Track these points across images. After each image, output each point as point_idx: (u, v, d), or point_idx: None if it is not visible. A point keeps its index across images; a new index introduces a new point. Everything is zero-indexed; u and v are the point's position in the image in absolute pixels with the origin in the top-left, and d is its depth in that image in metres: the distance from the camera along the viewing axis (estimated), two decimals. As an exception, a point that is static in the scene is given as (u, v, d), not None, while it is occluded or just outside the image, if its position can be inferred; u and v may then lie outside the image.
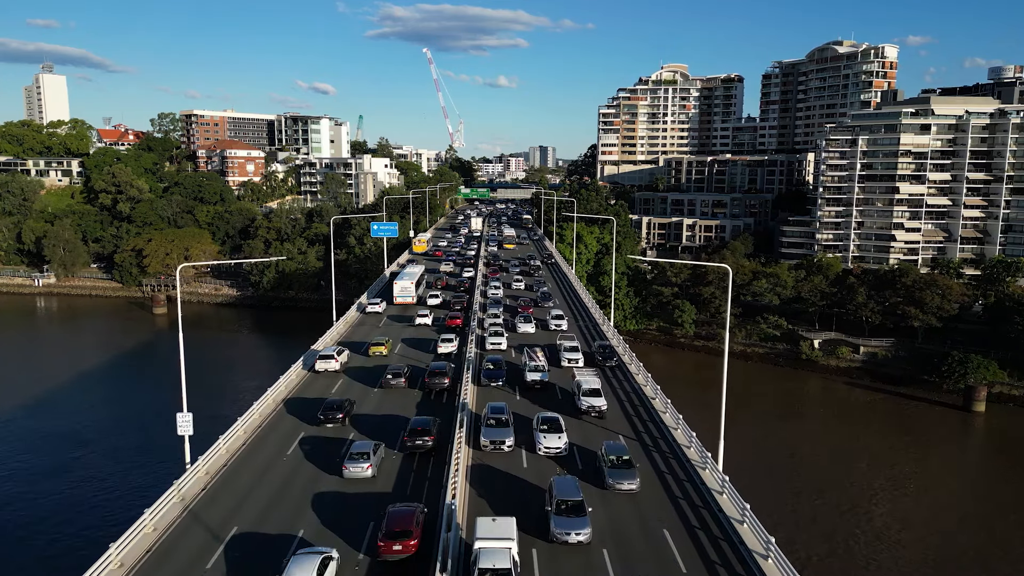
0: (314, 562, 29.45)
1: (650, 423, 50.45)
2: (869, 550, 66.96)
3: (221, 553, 32.90)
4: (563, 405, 53.38)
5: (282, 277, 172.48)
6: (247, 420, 48.56)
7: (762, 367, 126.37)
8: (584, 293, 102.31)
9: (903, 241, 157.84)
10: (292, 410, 52.87)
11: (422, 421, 45.97)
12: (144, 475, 77.69)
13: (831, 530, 70.07)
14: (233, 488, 39.27)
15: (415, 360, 66.27)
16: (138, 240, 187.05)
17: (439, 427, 46.71)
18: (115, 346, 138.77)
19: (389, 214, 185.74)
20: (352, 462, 40.45)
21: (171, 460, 65.65)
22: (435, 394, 56.57)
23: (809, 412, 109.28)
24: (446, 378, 56.68)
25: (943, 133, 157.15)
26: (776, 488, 78.03)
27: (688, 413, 50.57)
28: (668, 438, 47.30)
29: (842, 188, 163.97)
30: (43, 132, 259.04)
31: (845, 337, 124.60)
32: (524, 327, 76.28)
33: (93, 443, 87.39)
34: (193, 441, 42.79)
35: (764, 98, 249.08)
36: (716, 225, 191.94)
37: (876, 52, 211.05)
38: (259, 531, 35.01)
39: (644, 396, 56.48)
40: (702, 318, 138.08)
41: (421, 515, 34.23)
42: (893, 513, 74.86)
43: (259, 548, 33.37)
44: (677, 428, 48.61)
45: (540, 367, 58.65)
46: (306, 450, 45.25)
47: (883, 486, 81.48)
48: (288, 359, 66.29)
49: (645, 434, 48.27)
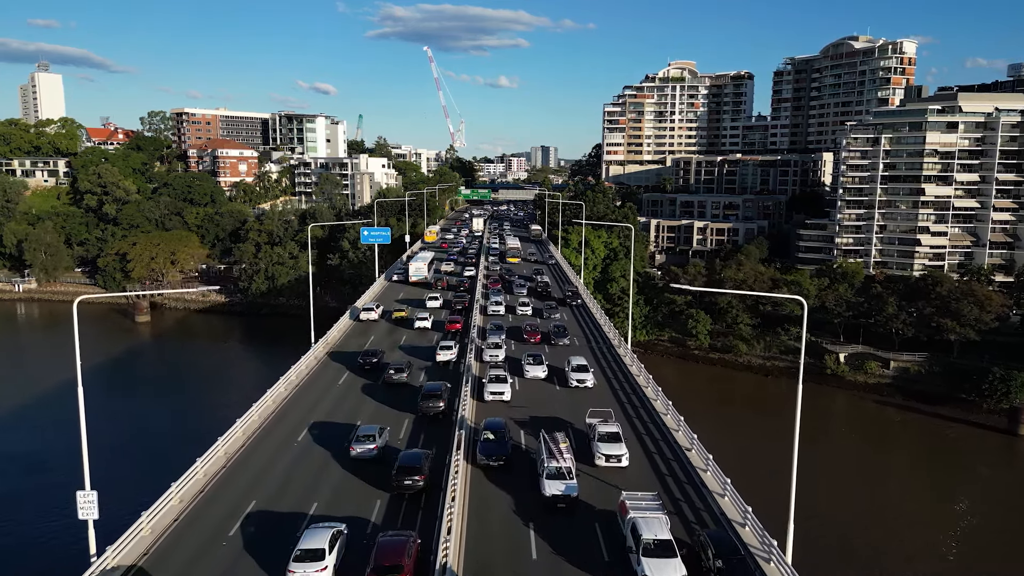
0: (326, 534, 31.86)
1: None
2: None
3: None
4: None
5: (272, 283, 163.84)
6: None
7: (784, 382, 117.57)
8: (602, 317, 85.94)
9: (928, 246, 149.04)
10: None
11: (414, 455, 41.11)
12: (45, 521, 67.30)
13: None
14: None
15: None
16: (122, 244, 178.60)
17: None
18: (84, 359, 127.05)
19: (385, 217, 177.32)
20: (359, 443, 44.17)
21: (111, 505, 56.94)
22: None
23: (836, 432, 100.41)
24: (441, 401, 52.36)
25: (971, 131, 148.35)
26: (808, 518, 69.28)
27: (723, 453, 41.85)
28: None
29: (863, 190, 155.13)
30: (31, 131, 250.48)
31: (873, 351, 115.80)
32: (533, 371, 60.20)
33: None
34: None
35: (775, 96, 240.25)
36: (728, 228, 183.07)
37: (894, 48, 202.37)
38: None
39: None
40: (717, 328, 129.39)
41: (414, 545, 31.85)
42: (930, 548, 66.22)
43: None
44: (745, 525, 35.61)
45: (565, 472, 38.17)
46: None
47: (921, 518, 72.77)
48: (270, 374, 62.36)
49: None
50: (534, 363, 60.69)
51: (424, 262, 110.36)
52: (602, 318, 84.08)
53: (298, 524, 35.35)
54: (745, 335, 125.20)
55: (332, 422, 51.18)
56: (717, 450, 43.48)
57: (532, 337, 72.54)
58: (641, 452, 45.40)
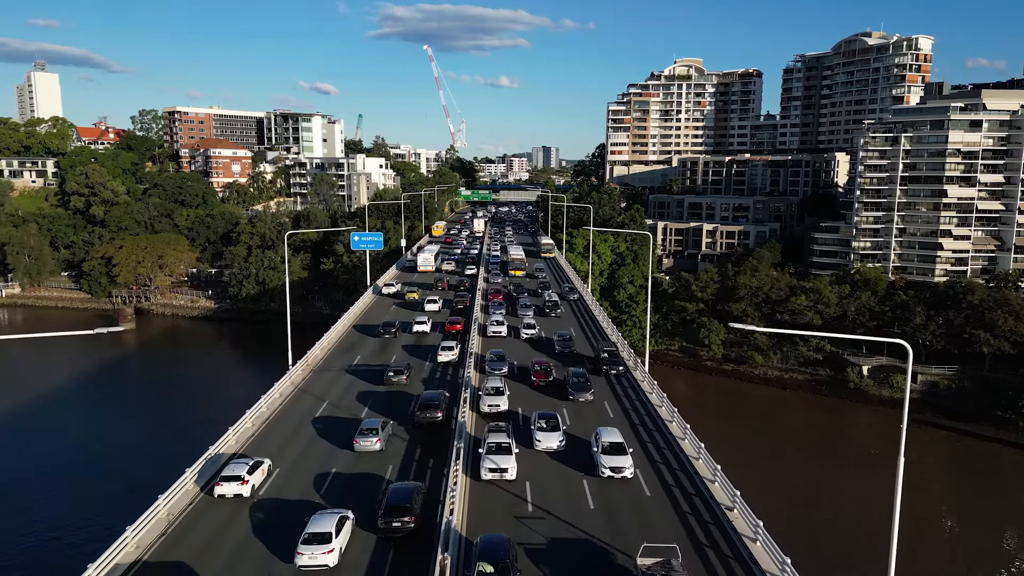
0: (333, 518, 33.05)
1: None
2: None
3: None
4: None
5: (264, 288, 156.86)
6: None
7: (802, 396, 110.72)
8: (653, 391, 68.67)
9: (950, 250, 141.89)
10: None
11: (403, 491, 36.17)
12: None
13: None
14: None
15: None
16: (108, 247, 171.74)
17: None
18: (56, 372, 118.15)
19: (382, 219, 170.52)
20: (362, 437, 44.71)
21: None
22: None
23: (863, 452, 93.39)
24: (439, 411, 49.61)
25: (995, 130, 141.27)
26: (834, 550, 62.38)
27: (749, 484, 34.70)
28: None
29: (882, 191, 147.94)
30: (21, 131, 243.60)
31: (899, 363, 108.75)
32: (546, 440, 44.71)
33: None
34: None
35: (785, 94, 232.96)
36: (739, 231, 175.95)
37: (909, 44, 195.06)
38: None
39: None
40: (731, 338, 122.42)
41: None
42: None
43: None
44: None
45: None
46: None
47: (961, 549, 65.83)
48: (258, 385, 57.90)
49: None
50: (547, 428, 45.90)
51: (432, 254, 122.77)
52: (652, 390, 56.59)
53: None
54: (761, 345, 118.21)
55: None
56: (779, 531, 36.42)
57: (539, 379, 57.77)
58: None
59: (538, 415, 47.51)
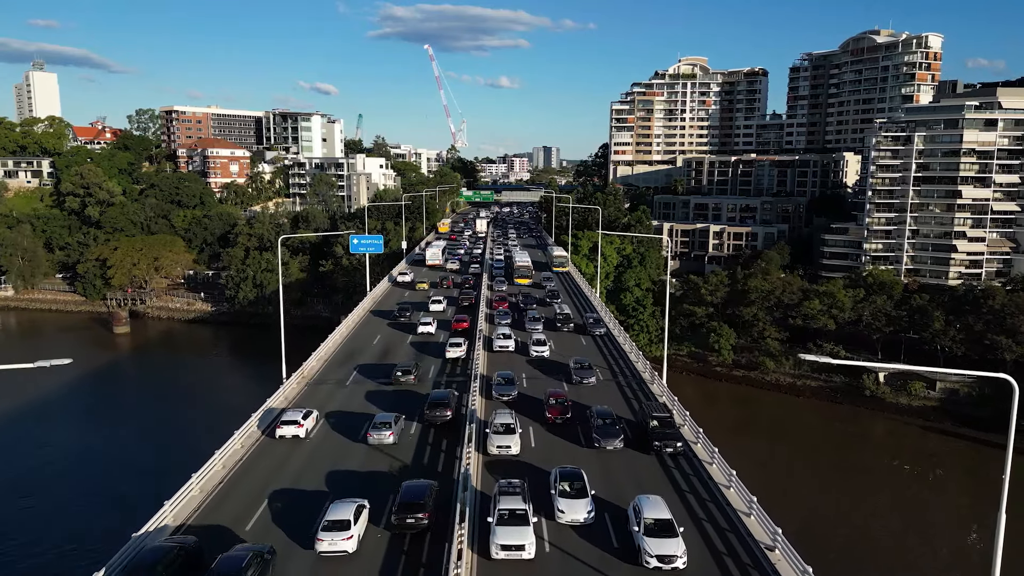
0: (351, 507, 34.10)
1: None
2: None
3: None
4: None
5: (261, 291, 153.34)
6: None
7: (816, 403, 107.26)
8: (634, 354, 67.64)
9: (964, 252, 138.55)
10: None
11: (417, 488, 36.49)
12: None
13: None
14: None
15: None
16: (103, 248, 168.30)
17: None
18: (43, 378, 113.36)
19: (382, 221, 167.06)
20: (376, 430, 45.74)
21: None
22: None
23: (882, 465, 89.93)
24: (448, 410, 49.74)
25: (1010, 129, 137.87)
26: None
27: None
28: None
29: (894, 192, 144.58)
30: (17, 130, 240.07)
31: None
32: (571, 510, 35.45)
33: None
34: None
35: (791, 93, 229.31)
36: (747, 232, 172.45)
37: (919, 42, 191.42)
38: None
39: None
40: (741, 343, 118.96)
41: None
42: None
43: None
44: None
45: None
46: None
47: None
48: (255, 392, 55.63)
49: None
50: (571, 493, 36.19)
51: (439, 248, 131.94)
52: (712, 460, 43.36)
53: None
54: (773, 350, 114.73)
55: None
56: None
57: (554, 415, 49.23)
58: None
59: (560, 473, 37.68)
